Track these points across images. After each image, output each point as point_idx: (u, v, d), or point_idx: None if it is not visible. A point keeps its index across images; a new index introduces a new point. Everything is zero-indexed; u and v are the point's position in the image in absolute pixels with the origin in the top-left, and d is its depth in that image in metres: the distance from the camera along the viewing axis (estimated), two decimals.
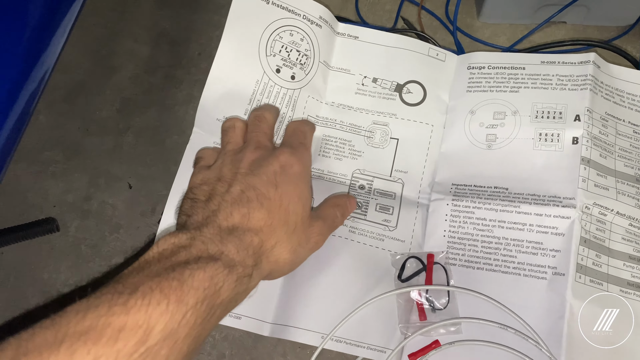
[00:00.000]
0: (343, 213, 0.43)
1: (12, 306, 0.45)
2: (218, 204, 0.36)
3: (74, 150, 0.51)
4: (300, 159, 0.39)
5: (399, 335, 0.42)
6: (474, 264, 0.43)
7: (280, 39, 0.47)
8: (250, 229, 0.35)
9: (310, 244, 0.39)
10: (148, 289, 0.28)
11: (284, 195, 0.37)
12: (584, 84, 0.45)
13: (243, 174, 0.37)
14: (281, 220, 0.36)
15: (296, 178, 0.38)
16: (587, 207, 0.42)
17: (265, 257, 0.35)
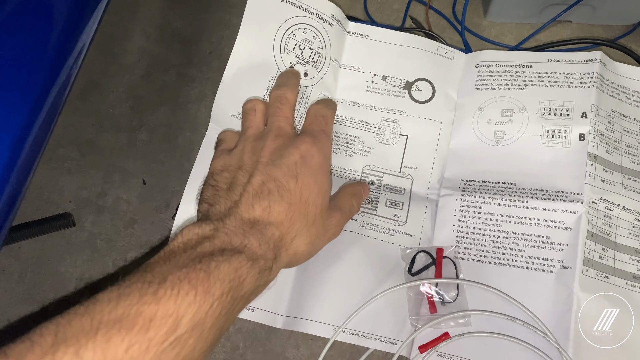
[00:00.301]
0: (358, 201, 0.43)
1: (30, 300, 0.46)
2: (240, 194, 0.36)
3: (89, 146, 0.51)
4: (321, 149, 0.39)
5: (410, 328, 0.43)
6: (483, 258, 0.44)
7: (294, 36, 0.48)
8: (271, 223, 0.35)
9: (327, 235, 0.40)
10: (177, 280, 0.28)
11: (304, 188, 0.37)
12: (591, 81, 0.46)
13: (264, 163, 0.37)
14: (301, 213, 0.37)
15: (316, 169, 0.38)
16: (593, 202, 0.43)
17: (285, 249, 0.36)
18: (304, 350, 0.44)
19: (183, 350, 0.27)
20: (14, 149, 0.31)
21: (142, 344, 0.26)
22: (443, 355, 0.43)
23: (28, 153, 0.33)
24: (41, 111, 0.34)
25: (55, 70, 0.32)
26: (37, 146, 0.34)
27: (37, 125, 0.34)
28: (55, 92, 0.36)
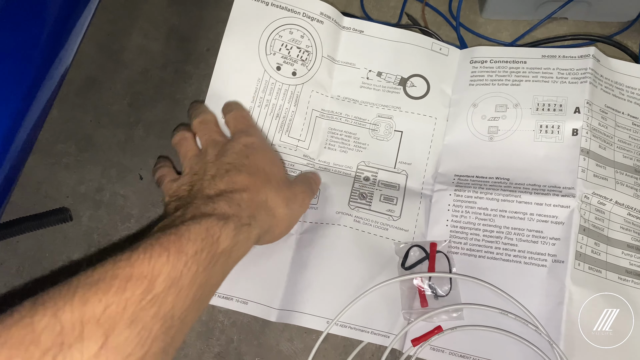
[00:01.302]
0: (314, 185, 0.46)
1: (28, 294, 0.47)
2: (200, 184, 0.38)
3: (87, 142, 0.52)
4: (257, 136, 0.43)
5: (403, 321, 0.44)
6: (476, 252, 0.44)
7: (280, 37, 0.48)
8: (236, 190, 0.37)
9: (298, 200, 0.42)
10: (148, 245, 0.30)
11: (258, 161, 0.40)
12: (584, 77, 0.47)
13: (212, 161, 0.40)
14: (263, 180, 0.39)
15: (262, 149, 0.42)
16: (586, 196, 0.43)
17: (263, 209, 0.38)
18: (297, 344, 0.44)
19: (162, 309, 0.29)
20: (4, 142, 0.32)
21: (119, 303, 0.27)
22: (436, 348, 0.43)
23: (19, 147, 0.33)
24: (31, 106, 0.35)
25: (47, 64, 0.32)
26: (28, 140, 0.35)
27: (28, 119, 0.34)
28: (46, 88, 0.36)
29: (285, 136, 0.49)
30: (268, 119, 0.49)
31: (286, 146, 0.49)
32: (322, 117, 0.50)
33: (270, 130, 0.48)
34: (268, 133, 0.49)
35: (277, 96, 0.49)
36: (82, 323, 0.26)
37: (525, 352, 0.41)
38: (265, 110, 0.48)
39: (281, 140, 0.49)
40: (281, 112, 0.49)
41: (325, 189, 0.48)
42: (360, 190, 0.48)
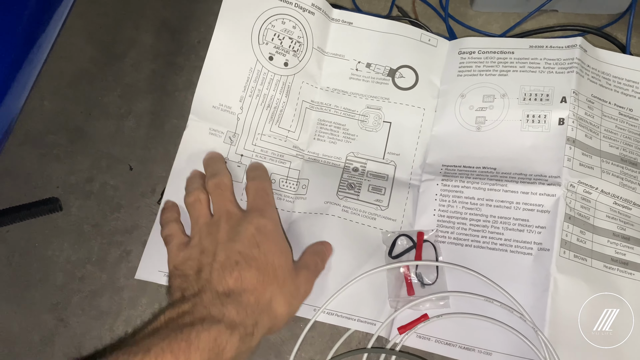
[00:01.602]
0: (322, 259, 0.44)
1: (17, 282, 0.47)
2: (209, 272, 0.38)
3: (78, 134, 0.52)
4: (271, 218, 0.42)
5: (389, 309, 0.44)
6: (463, 241, 0.45)
7: (272, 27, 0.48)
8: (245, 290, 0.37)
9: (300, 293, 0.41)
10: (160, 350, 0.31)
11: (267, 252, 0.39)
12: (571, 67, 0.47)
13: (224, 242, 0.39)
14: (270, 275, 0.38)
15: (273, 235, 0.41)
16: (572, 185, 0.43)
17: (265, 313, 0.37)
18: (284, 331, 0.45)
19: None
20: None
21: None
22: (422, 336, 0.43)
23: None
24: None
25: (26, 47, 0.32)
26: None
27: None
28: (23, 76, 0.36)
29: (275, 126, 0.49)
30: (259, 109, 0.49)
31: (276, 137, 0.49)
32: (311, 109, 0.50)
33: (261, 120, 0.49)
34: (259, 123, 0.49)
35: (269, 86, 0.49)
36: None
37: (510, 340, 0.41)
38: (257, 101, 0.49)
39: (271, 131, 0.49)
40: (272, 103, 0.49)
41: (315, 180, 0.48)
42: (349, 180, 0.48)
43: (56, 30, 0.36)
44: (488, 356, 0.41)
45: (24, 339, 0.45)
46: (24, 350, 0.45)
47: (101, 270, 0.47)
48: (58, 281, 0.47)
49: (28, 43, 0.33)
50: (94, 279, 0.47)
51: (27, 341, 0.45)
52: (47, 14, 0.36)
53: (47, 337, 0.45)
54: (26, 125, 0.52)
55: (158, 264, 0.44)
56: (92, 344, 0.45)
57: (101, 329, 0.46)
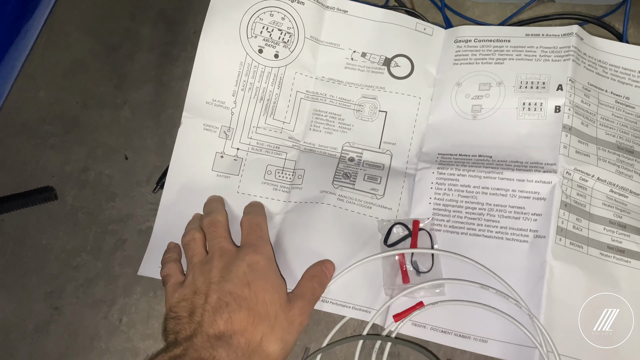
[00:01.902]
0: (321, 282, 0.43)
1: (12, 271, 0.47)
2: (200, 315, 0.38)
3: (73, 123, 0.52)
4: (264, 253, 0.41)
5: (384, 297, 0.44)
6: (458, 229, 0.45)
7: (261, 20, 0.48)
8: (235, 332, 0.37)
9: (294, 326, 0.40)
10: None
11: (258, 291, 0.39)
12: (567, 54, 0.47)
13: (216, 282, 0.39)
14: (261, 314, 0.38)
15: (265, 271, 0.40)
16: (568, 172, 0.43)
17: (257, 354, 0.37)
18: None
19: None
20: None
21: None
22: (417, 324, 0.43)
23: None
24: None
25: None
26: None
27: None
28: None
29: (270, 119, 0.49)
30: (252, 102, 0.49)
31: (271, 129, 0.49)
32: (306, 99, 0.50)
33: (255, 113, 0.49)
34: (253, 116, 0.49)
35: (261, 79, 0.49)
36: None
37: (506, 327, 0.41)
38: (250, 94, 0.49)
39: (266, 123, 0.49)
40: (265, 95, 0.49)
41: (310, 170, 0.48)
42: (345, 170, 0.48)
43: (44, 15, 0.35)
44: (484, 343, 0.41)
45: (19, 327, 0.45)
46: (19, 338, 0.45)
47: (96, 259, 0.47)
48: (53, 270, 0.47)
49: (14, 27, 0.32)
50: (89, 267, 0.47)
51: (22, 329, 0.45)
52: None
53: (42, 325, 0.45)
54: (22, 115, 0.52)
55: (159, 262, 0.45)
56: (87, 332, 0.45)
57: (96, 317, 0.45)
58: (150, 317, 0.46)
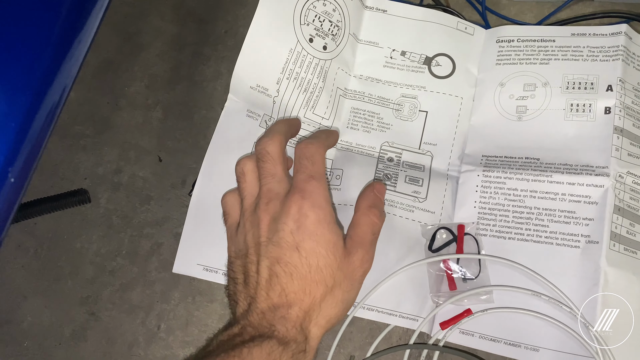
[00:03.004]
0: (380, 211, 0.40)
1: (47, 275, 0.46)
2: (254, 288, 0.36)
3: (104, 124, 0.51)
4: (313, 201, 0.37)
5: (431, 305, 0.42)
6: (505, 234, 0.43)
7: (314, 8, 0.47)
8: (291, 304, 0.35)
9: (356, 280, 0.37)
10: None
11: (309, 256, 0.35)
12: (616, 54, 0.45)
13: (264, 244, 0.36)
14: (316, 281, 0.35)
15: (314, 228, 0.36)
16: (620, 175, 0.42)
17: (314, 323, 0.35)
18: None
19: None
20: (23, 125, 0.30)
21: None
22: (465, 332, 0.42)
23: (37, 131, 0.32)
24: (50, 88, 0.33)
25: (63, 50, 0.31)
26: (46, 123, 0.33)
27: (46, 102, 0.33)
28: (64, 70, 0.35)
29: (310, 112, 0.47)
30: (295, 93, 0.47)
31: (310, 123, 0.47)
32: (345, 97, 0.49)
33: (297, 105, 0.47)
34: (294, 108, 0.47)
35: (307, 70, 0.47)
36: None
37: (558, 336, 0.40)
38: (294, 84, 0.47)
39: (305, 117, 0.47)
40: (309, 87, 0.47)
41: (349, 170, 0.47)
42: (385, 171, 0.47)
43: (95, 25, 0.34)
44: (535, 352, 0.40)
45: (55, 334, 0.44)
46: (55, 345, 0.44)
47: (132, 263, 0.46)
48: (88, 274, 0.46)
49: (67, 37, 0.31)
50: (125, 272, 0.46)
51: (58, 335, 0.44)
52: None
53: (79, 331, 0.44)
54: None
55: (195, 257, 0.43)
56: (125, 339, 0.44)
57: (133, 323, 0.44)
58: (189, 323, 0.45)
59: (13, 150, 0.28)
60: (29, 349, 0.44)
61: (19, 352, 0.44)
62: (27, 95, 0.28)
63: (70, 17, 0.31)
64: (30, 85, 0.28)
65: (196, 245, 0.43)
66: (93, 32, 0.33)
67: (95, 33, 0.34)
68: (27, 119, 0.28)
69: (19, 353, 0.44)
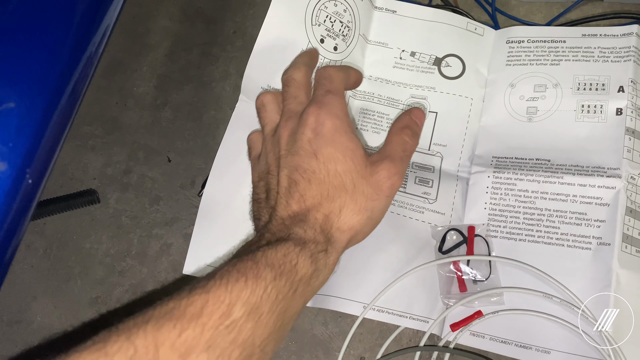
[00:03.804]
0: (413, 132, 0.40)
1: (56, 276, 0.46)
2: (275, 199, 0.36)
3: (113, 124, 0.51)
4: (329, 111, 0.37)
5: (441, 306, 0.42)
6: (516, 235, 0.43)
7: (325, 8, 0.46)
8: (309, 208, 0.35)
9: (383, 190, 0.37)
10: (225, 271, 0.29)
11: (327, 161, 0.36)
12: (627, 55, 0.45)
13: (284, 156, 0.37)
14: (335, 186, 0.35)
15: (332, 135, 0.36)
16: (632, 177, 0.42)
17: (336, 228, 0.35)
18: (332, 328, 0.43)
19: (241, 335, 0.27)
20: (40, 127, 0.30)
21: (195, 328, 0.26)
22: (476, 334, 0.41)
23: (54, 132, 0.32)
24: (65, 90, 0.33)
25: (78, 53, 0.31)
26: (62, 125, 0.34)
27: (62, 104, 0.33)
28: (79, 72, 0.35)
29: None
30: None
31: None
32: (354, 97, 0.49)
33: None
34: None
35: None
36: (156, 346, 0.25)
37: (569, 338, 0.40)
38: None
39: None
40: None
41: None
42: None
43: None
44: (546, 354, 0.40)
45: (65, 334, 0.44)
46: (65, 346, 0.44)
47: (141, 264, 0.46)
48: (97, 275, 0.46)
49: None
50: (134, 272, 0.46)
51: (67, 336, 0.44)
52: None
53: (89, 332, 0.44)
54: None
55: (205, 258, 0.43)
56: None
57: None
58: None
59: (31, 151, 0.28)
60: (39, 349, 0.44)
61: (28, 352, 0.44)
62: (44, 97, 0.28)
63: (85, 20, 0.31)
64: (47, 88, 0.28)
65: (206, 246, 0.43)
66: (107, 34, 0.33)
67: (109, 35, 0.34)
68: (44, 121, 0.28)
69: (28, 353, 0.44)
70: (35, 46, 0.29)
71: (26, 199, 0.28)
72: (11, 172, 0.27)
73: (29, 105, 0.27)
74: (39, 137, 0.28)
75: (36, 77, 0.28)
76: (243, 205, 0.43)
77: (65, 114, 0.33)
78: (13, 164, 0.27)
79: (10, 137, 0.27)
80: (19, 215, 0.27)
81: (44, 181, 0.31)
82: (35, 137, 0.28)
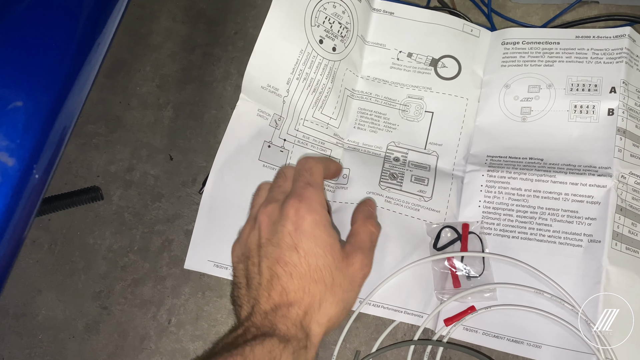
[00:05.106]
0: (376, 223, 0.42)
1: (61, 270, 0.47)
2: (256, 290, 0.37)
3: (117, 123, 0.52)
4: (309, 206, 0.38)
5: (436, 302, 0.43)
6: (509, 233, 0.44)
7: (325, 10, 0.48)
8: (291, 303, 0.36)
9: (356, 282, 0.38)
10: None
11: (308, 255, 0.36)
12: (620, 57, 0.46)
13: (264, 245, 0.38)
14: (315, 280, 0.36)
15: (312, 230, 0.37)
16: (623, 176, 0.43)
17: (315, 322, 0.36)
18: None
19: None
20: (46, 124, 0.32)
21: None
22: (469, 328, 0.42)
23: (60, 129, 0.33)
24: (71, 90, 0.35)
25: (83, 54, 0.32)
26: (68, 122, 0.35)
27: (67, 102, 0.34)
28: (84, 72, 0.36)
29: (318, 112, 0.48)
30: (305, 93, 0.48)
31: (318, 123, 0.48)
32: (352, 97, 0.50)
33: (305, 105, 0.48)
34: (302, 108, 0.48)
35: (317, 70, 0.48)
36: None
37: (560, 333, 0.41)
38: (303, 84, 0.48)
39: (314, 117, 0.48)
40: (318, 87, 0.48)
41: (355, 169, 0.48)
42: (391, 170, 0.48)
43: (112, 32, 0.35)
44: (537, 349, 0.41)
45: (69, 327, 0.45)
46: (69, 337, 0.45)
47: (143, 259, 0.47)
48: (101, 269, 0.47)
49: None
50: (137, 267, 0.47)
51: (71, 329, 0.45)
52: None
53: (92, 325, 0.45)
54: None
55: (206, 254, 0.44)
56: (137, 332, 0.45)
57: (145, 317, 0.45)
58: (199, 318, 0.46)
59: (37, 147, 0.29)
60: (44, 341, 0.45)
61: (33, 344, 0.45)
62: (50, 97, 0.29)
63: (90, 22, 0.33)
64: (53, 86, 0.30)
65: (207, 242, 0.44)
66: (112, 34, 0.34)
67: (114, 35, 0.35)
68: (50, 119, 0.29)
69: (33, 345, 0.45)
70: (43, 48, 0.30)
71: (33, 193, 0.29)
72: (19, 167, 0.28)
73: (36, 104, 0.29)
74: (45, 134, 0.29)
75: (43, 78, 0.29)
76: (243, 202, 0.44)
77: (70, 112, 0.34)
78: (21, 159, 0.28)
79: (18, 134, 0.28)
80: (26, 209, 0.29)
81: (49, 177, 0.32)
82: (42, 134, 0.29)
